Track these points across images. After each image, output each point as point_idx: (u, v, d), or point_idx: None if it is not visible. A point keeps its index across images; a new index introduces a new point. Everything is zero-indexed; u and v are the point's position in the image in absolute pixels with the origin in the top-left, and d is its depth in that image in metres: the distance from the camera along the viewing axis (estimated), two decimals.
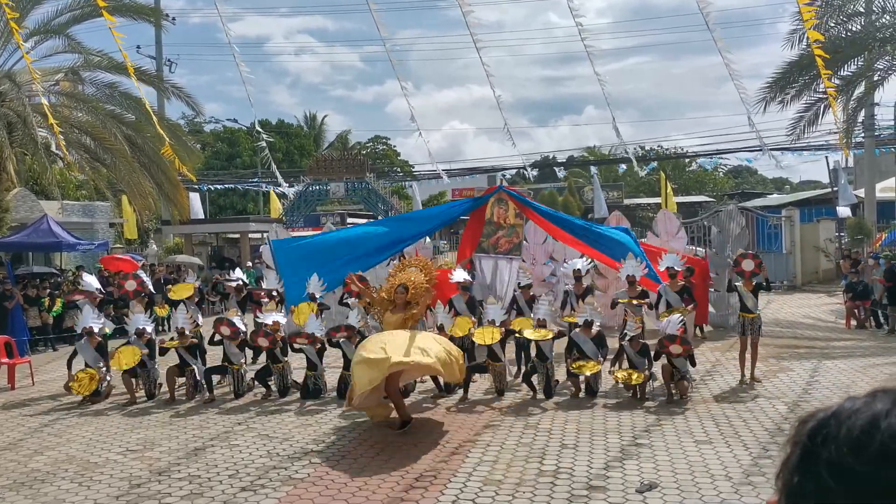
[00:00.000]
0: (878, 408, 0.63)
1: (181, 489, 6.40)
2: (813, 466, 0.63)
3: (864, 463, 0.59)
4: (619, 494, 5.95)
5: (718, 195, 44.76)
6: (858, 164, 31.62)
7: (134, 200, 20.90)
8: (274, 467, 6.90)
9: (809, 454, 0.64)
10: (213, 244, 32.49)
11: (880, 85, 19.42)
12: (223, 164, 43.87)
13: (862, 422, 0.63)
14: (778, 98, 19.65)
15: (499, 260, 14.08)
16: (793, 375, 10.27)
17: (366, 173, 26.57)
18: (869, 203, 25.15)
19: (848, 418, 0.64)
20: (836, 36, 19.28)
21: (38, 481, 6.75)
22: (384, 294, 8.35)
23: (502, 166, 35.51)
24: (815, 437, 0.65)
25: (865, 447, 0.60)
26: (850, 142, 21.51)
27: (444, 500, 5.95)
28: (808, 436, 0.65)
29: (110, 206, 25.23)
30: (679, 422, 8.04)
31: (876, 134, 25.73)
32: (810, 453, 0.64)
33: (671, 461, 6.69)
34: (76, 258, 22.36)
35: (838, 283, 20.12)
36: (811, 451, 0.64)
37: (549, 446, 7.28)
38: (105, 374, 10.21)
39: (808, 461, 0.64)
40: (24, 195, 20.93)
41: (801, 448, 0.65)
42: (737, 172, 59.74)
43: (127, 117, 20.21)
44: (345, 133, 53.38)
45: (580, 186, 43.01)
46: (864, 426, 0.62)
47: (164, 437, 8.11)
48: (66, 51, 19.85)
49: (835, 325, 15.20)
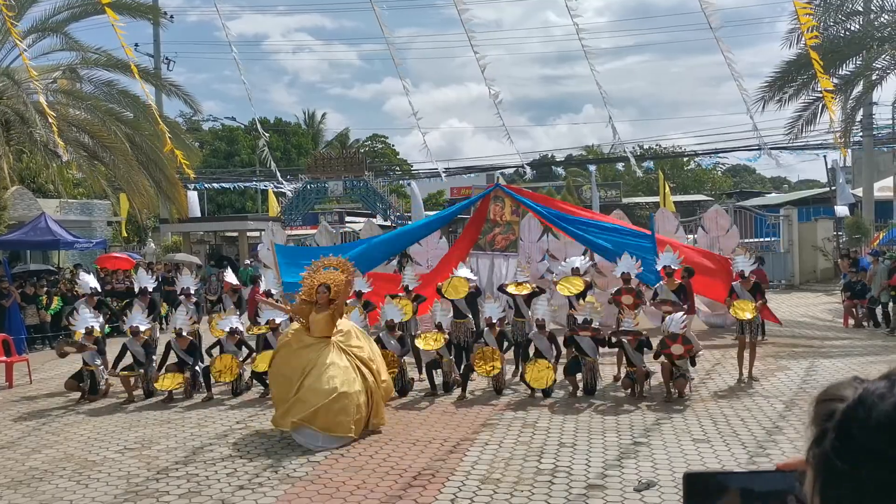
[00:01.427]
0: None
1: (179, 487, 6.39)
2: (850, 451, 0.68)
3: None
4: (617, 493, 5.95)
5: (717, 194, 44.77)
6: (857, 163, 31.67)
7: (132, 198, 20.89)
8: (272, 465, 6.90)
9: (846, 439, 0.69)
10: (211, 242, 32.47)
11: (879, 84, 19.45)
12: (221, 163, 43.84)
13: (889, 407, 0.67)
14: (776, 97, 19.68)
15: (496, 257, 14.10)
16: (790, 374, 10.27)
17: (364, 172, 26.54)
18: (867, 202, 25.18)
19: (875, 404, 0.68)
20: (834, 35, 19.29)
21: (36, 479, 6.74)
22: (304, 296, 8.34)
23: (501, 165, 35.54)
24: (847, 421, 0.69)
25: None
26: (848, 141, 21.55)
27: (441, 498, 5.95)
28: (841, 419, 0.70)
29: (109, 205, 25.21)
30: (677, 421, 8.04)
31: (874, 133, 25.75)
32: (846, 438, 0.68)
33: (669, 460, 6.69)
34: (74, 256, 22.33)
35: (836, 282, 20.14)
36: (847, 435, 0.68)
37: (548, 445, 7.28)
38: (102, 372, 10.20)
39: (845, 446, 0.68)
40: (21, 193, 20.89)
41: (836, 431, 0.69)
42: (735, 171, 59.77)
43: (125, 115, 20.21)
44: (344, 131, 53.41)
45: (578, 185, 43.01)
46: (889, 412, 0.67)
47: (162, 436, 8.10)
48: (63, 48, 19.85)
49: (833, 324, 15.21)
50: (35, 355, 14.06)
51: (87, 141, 19.14)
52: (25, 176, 23.68)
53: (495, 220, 14.16)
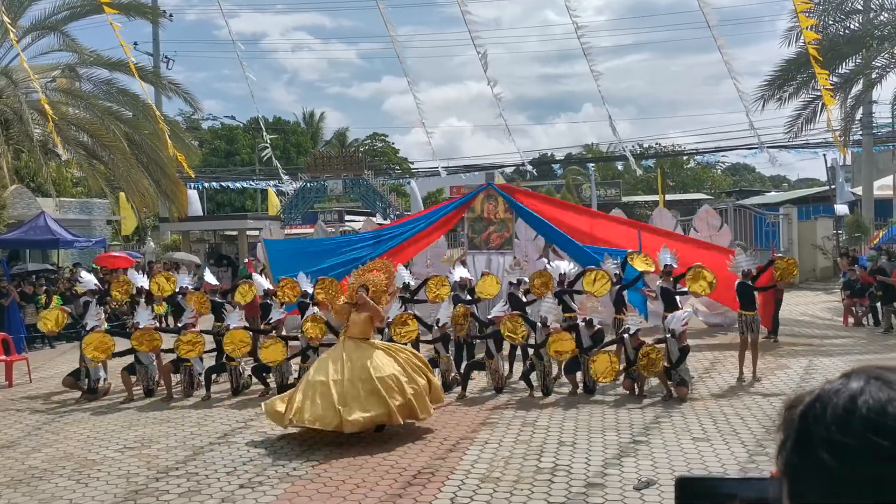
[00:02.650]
0: (854, 387, 0.72)
1: (179, 486, 6.39)
2: (809, 445, 0.72)
3: (851, 436, 0.69)
4: (616, 492, 5.95)
5: (716, 193, 44.79)
6: (856, 162, 31.66)
7: (132, 197, 20.87)
8: (272, 464, 6.90)
9: (803, 435, 0.73)
10: (210, 241, 32.44)
11: (878, 82, 19.46)
12: (221, 162, 43.82)
13: (843, 401, 0.72)
14: (776, 95, 19.67)
15: (492, 255, 14.10)
16: (790, 373, 10.27)
17: (364, 171, 26.55)
18: (867, 201, 25.18)
19: (830, 399, 0.73)
20: (834, 34, 19.28)
21: (35, 479, 6.74)
22: (346, 298, 8.46)
23: (501, 164, 35.55)
24: (805, 419, 0.74)
25: (850, 423, 0.70)
26: (847, 140, 21.54)
27: (441, 497, 5.95)
28: (800, 419, 0.75)
29: (108, 204, 25.20)
30: (677, 419, 8.04)
31: (874, 131, 25.75)
32: (804, 434, 0.73)
33: (669, 458, 6.69)
34: (73, 255, 22.31)
35: (836, 280, 20.13)
36: (804, 432, 0.73)
37: (547, 444, 7.28)
38: (100, 370, 10.19)
39: (804, 441, 0.73)
40: (20, 192, 20.86)
41: (795, 431, 0.74)
42: (735, 170, 59.79)
43: (124, 114, 20.19)
44: (343, 130, 53.39)
45: (578, 184, 43.02)
46: (845, 405, 0.71)
47: (161, 435, 8.10)
48: (62, 48, 19.83)
49: (832, 322, 15.22)
50: (34, 354, 14.06)
51: (86, 140, 19.12)
52: (24, 175, 23.67)
53: (489, 219, 14.17)
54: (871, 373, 0.74)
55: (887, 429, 0.68)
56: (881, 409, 0.69)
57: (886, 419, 0.69)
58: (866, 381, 0.73)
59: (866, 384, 0.72)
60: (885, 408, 0.69)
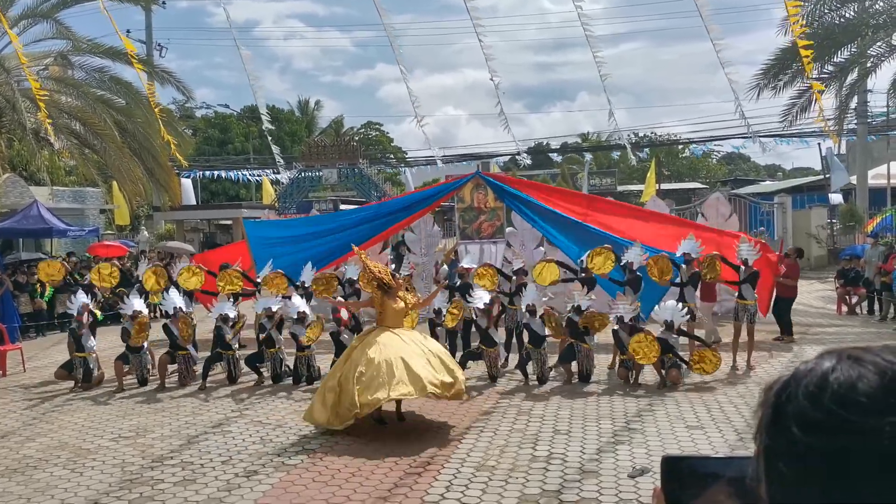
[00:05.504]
0: (826, 365, 0.75)
1: (174, 475, 6.39)
2: (782, 422, 0.74)
3: (822, 411, 0.71)
4: (611, 479, 5.97)
5: (711, 182, 44.80)
6: (851, 151, 31.70)
7: (124, 186, 20.75)
8: (267, 454, 6.90)
9: (778, 412, 0.75)
10: (205, 230, 32.37)
11: (873, 71, 19.43)
12: (215, 150, 43.62)
13: (815, 378, 0.74)
14: (771, 84, 19.64)
15: (484, 244, 14.09)
16: (784, 361, 10.33)
17: (358, 159, 26.45)
18: (861, 190, 25.24)
19: (804, 377, 0.75)
20: (829, 22, 19.24)
21: (30, 468, 6.73)
22: (381, 279, 7.96)
23: (496, 152, 35.46)
24: (780, 397, 0.76)
25: (820, 398, 0.72)
26: (841, 129, 21.54)
27: (437, 485, 5.96)
28: (774, 397, 0.77)
29: (101, 192, 25.08)
30: (671, 407, 8.08)
31: (869, 120, 25.76)
32: (778, 412, 0.75)
33: (663, 446, 6.72)
34: (66, 244, 22.23)
35: (830, 269, 20.21)
36: (778, 409, 0.75)
37: (542, 432, 7.30)
38: (95, 358, 10.18)
39: (777, 419, 0.75)
40: (13, 181, 20.77)
41: (770, 408, 0.77)
42: (730, 159, 59.81)
43: (117, 102, 20.03)
44: (338, 118, 53.21)
45: (574, 173, 42.98)
46: (817, 382, 0.74)
47: (156, 424, 8.09)
48: (54, 36, 19.64)
49: (826, 311, 15.28)
50: (29, 343, 14.02)
51: (77, 128, 18.98)
52: (17, 163, 23.53)
53: (479, 208, 14.13)
54: (844, 352, 0.77)
55: (855, 403, 0.70)
56: (851, 385, 0.72)
57: (855, 394, 0.71)
58: (838, 360, 0.75)
59: (838, 362, 0.75)
60: (854, 384, 0.72)
